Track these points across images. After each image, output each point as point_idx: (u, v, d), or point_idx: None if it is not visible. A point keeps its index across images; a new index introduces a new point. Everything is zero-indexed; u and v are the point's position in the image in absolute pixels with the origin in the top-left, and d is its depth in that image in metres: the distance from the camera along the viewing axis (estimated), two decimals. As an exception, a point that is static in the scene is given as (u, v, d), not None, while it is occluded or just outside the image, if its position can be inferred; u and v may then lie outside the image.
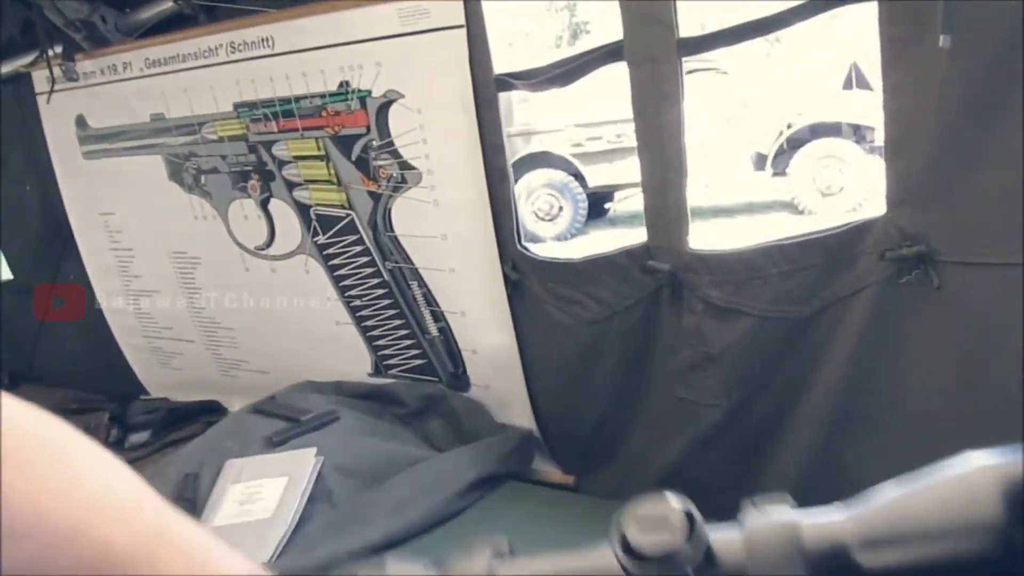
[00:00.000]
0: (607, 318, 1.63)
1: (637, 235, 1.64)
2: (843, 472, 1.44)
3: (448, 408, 1.89)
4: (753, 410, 1.52)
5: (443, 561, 0.44)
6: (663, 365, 1.60)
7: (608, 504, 1.69)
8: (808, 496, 1.47)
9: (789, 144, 7.31)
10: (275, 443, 1.76)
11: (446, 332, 1.91)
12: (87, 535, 0.50)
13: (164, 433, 2.24)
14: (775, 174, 7.47)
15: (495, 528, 1.62)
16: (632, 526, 0.38)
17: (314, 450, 1.69)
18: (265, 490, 1.65)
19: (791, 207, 7.39)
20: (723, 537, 0.39)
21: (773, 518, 0.41)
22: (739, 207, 7.93)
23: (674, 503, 0.39)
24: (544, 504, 1.72)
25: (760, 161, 7.61)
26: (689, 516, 0.38)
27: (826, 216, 6.57)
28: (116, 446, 2.19)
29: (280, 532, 1.55)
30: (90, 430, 2.20)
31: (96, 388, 2.63)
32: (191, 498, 1.68)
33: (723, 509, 1.48)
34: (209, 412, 2.32)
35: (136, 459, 2.14)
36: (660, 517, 0.38)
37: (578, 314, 1.65)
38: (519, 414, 1.88)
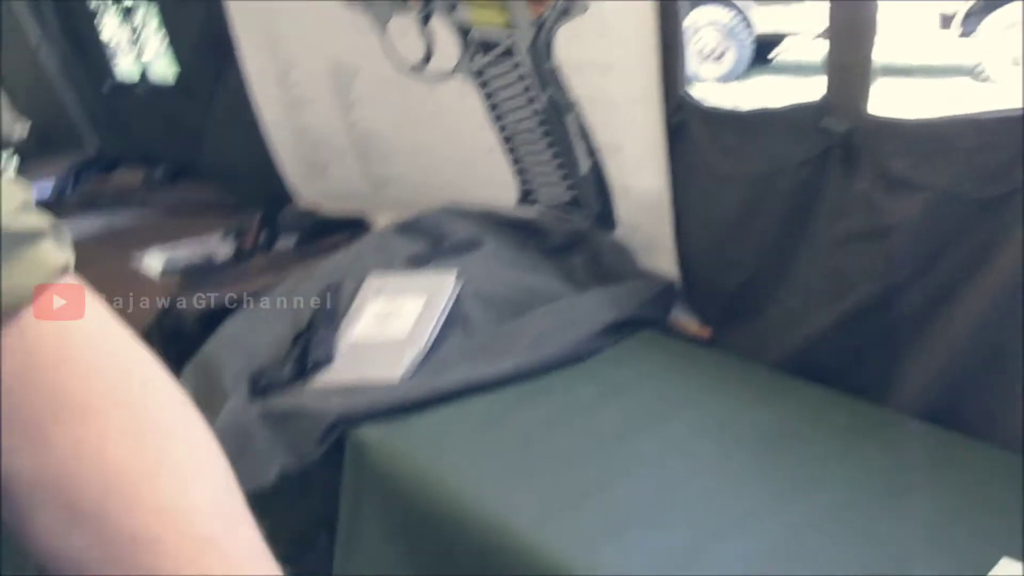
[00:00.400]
0: (771, 175, 1.54)
1: (802, 87, 1.53)
2: (996, 373, 1.36)
3: (592, 246, 1.86)
4: (913, 291, 1.43)
5: None
6: (824, 232, 1.52)
7: (743, 363, 1.65)
8: (952, 392, 1.41)
9: (985, 5, 6.73)
10: (417, 263, 1.77)
11: (598, 168, 1.85)
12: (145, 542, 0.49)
13: (310, 241, 2.29)
14: (962, 35, 6.93)
15: (629, 375, 1.61)
16: None
17: (455, 273, 1.69)
18: (403, 308, 1.67)
19: (974, 73, 6.88)
20: None
21: None
22: (917, 68, 7.42)
23: None
24: (679, 356, 1.69)
25: (947, 21, 7.07)
26: None
27: (1014, 88, 6.09)
28: (264, 248, 2.26)
29: (414, 351, 1.58)
30: (242, 231, 2.28)
31: (249, 192, 2.70)
32: (332, 308, 1.72)
33: (863, 384, 1.44)
34: (354, 227, 2.36)
35: (282, 264, 2.21)
36: None
37: (741, 167, 1.57)
38: (663, 261, 1.83)
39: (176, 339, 2.08)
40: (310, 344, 1.61)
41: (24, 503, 0.50)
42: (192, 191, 2.81)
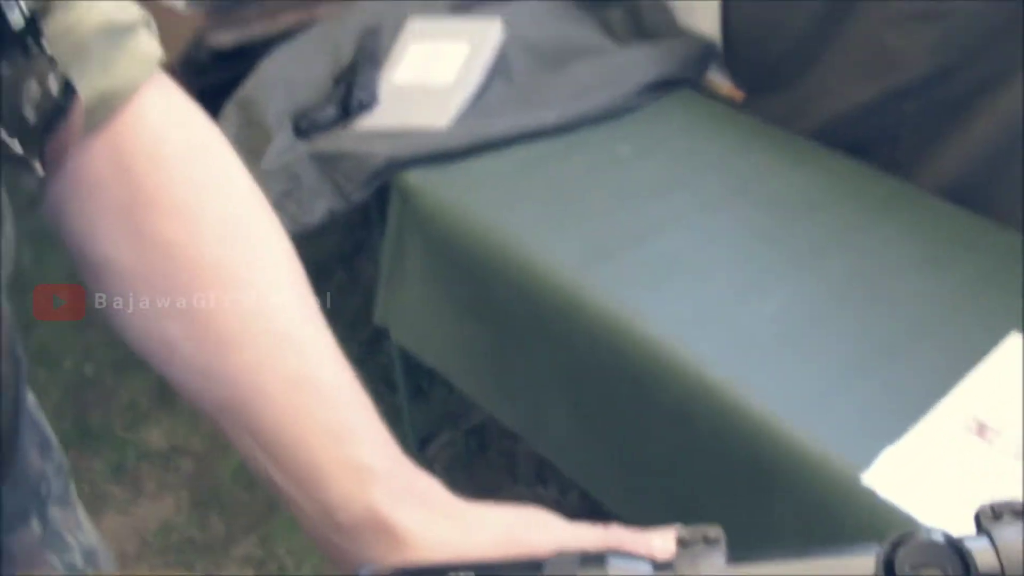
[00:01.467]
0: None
1: None
2: (1020, 179, 1.40)
3: (632, 3, 1.83)
4: (962, 76, 1.45)
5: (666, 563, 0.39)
6: (879, 7, 1.51)
7: (777, 129, 1.68)
8: (984, 177, 1.45)
9: None
10: (460, 8, 1.75)
11: (646, -80, 1.80)
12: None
13: (339, -25, 2.22)
14: None
15: (665, 132, 1.64)
16: (903, 560, 0.35)
17: (499, 21, 1.68)
18: (446, 55, 1.67)
19: None
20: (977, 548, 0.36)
21: None
22: None
23: (949, 545, 0.36)
24: (714, 117, 1.72)
25: None
26: (963, 557, 0.35)
27: None
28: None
29: (460, 98, 1.60)
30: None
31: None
32: (373, 49, 1.71)
33: (895, 160, 1.48)
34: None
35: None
36: (935, 557, 0.35)
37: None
38: (704, 20, 1.81)
39: (206, 73, 2.07)
40: (353, 85, 1.62)
41: (120, 289, 0.53)
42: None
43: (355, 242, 2.33)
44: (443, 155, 1.52)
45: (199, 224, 0.52)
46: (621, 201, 1.50)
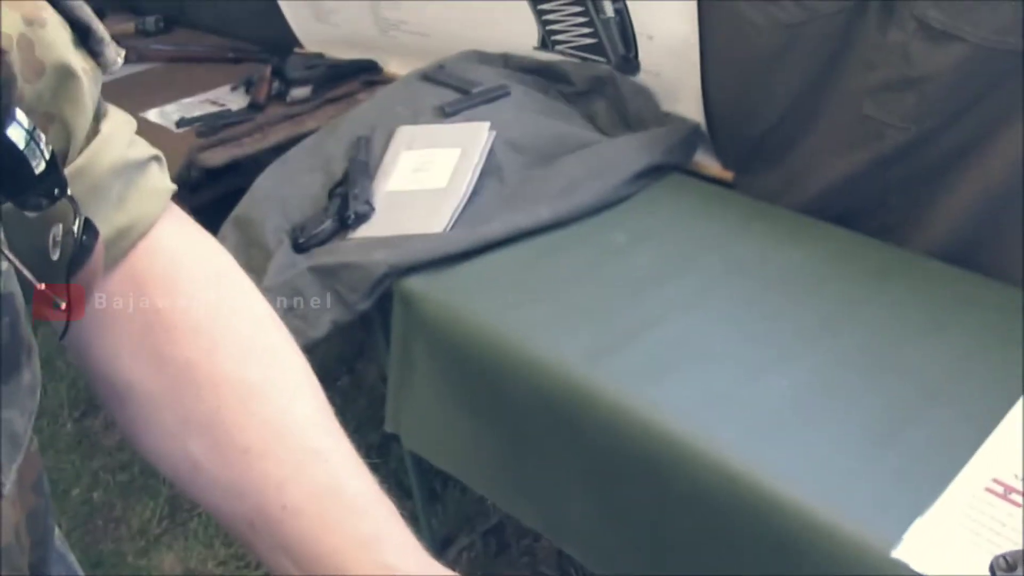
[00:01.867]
0: (805, 22, 1.55)
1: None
2: (1011, 234, 1.42)
3: (615, 91, 1.88)
4: (941, 141, 1.48)
5: None
6: (856, 80, 1.54)
7: (768, 206, 1.70)
8: (976, 235, 1.48)
9: None
10: (447, 113, 1.78)
11: (622, 13, 1.84)
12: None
13: (324, 90, 2.27)
14: None
15: (659, 219, 1.66)
16: None
17: (488, 123, 1.71)
18: (438, 159, 1.69)
19: None
20: None
21: None
22: None
23: None
24: (706, 199, 1.74)
25: None
26: None
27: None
28: (278, 99, 2.25)
29: (455, 202, 1.62)
30: (253, 83, 2.26)
31: (249, 37, 2.65)
32: (364, 160, 1.74)
33: (887, 227, 1.50)
34: (368, 71, 2.34)
35: (298, 114, 2.20)
36: None
37: (774, 14, 1.58)
38: (686, 105, 1.85)
39: (199, 191, 2.10)
40: (348, 196, 1.64)
41: (142, 412, 0.54)
42: (189, 39, 2.75)
43: (357, 345, 2.34)
44: (442, 259, 1.54)
45: (217, 343, 0.54)
46: (623, 291, 1.50)
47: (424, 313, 1.52)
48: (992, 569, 0.38)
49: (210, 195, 2.14)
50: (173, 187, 0.58)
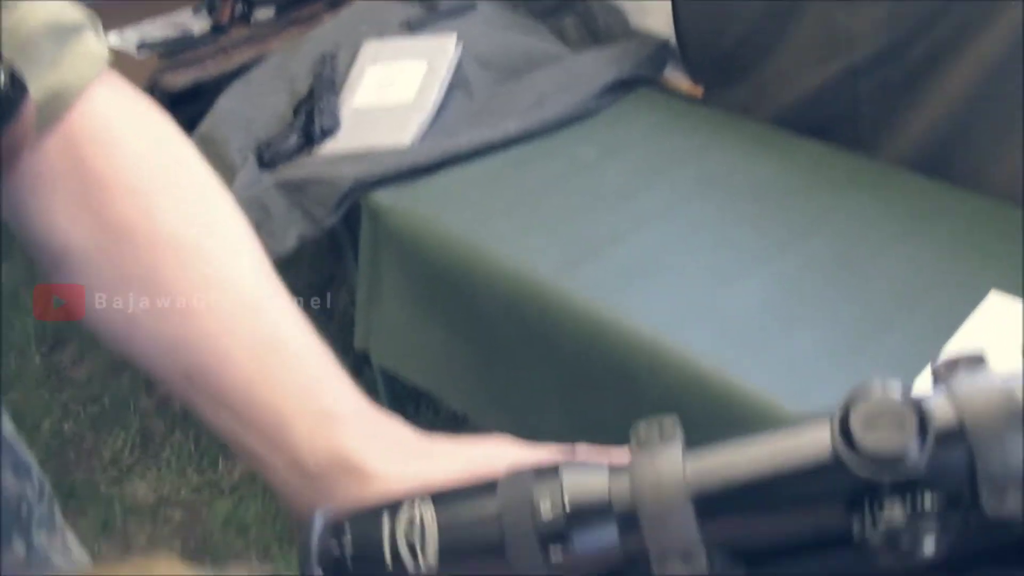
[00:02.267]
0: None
1: None
2: (991, 127, 1.42)
3: (584, 7, 1.85)
4: (914, 49, 1.47)
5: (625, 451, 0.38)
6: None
7: (738, 120, 1.69)
8: (946, 145, 1.47)
9: None
10: (412, 27, 1.75)
11: (590, -74, 1.81)
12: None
13: (289, 11, 2.22)
14: None
15: (628, 133, 1.65)
16: (858, 421, 0.33)
17: (455, 36, 1.68)
18: (404, 74, 1.67)
19: None
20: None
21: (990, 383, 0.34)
22: None
23: (905, 399, 0.34)
24: (675, 114, 1.72)
25: None
26: (921, 414, 0.33)
27: None
28: (242, 21, 2.19)
29: (421, 117, 1.59)
30: (215, 5, 2.21)
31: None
32: (330, 76, 1.71)
33: (857, 138, 1.49)
34: (333, -8, 2.28)
35: (262, 36, 2.15)
36: (890, 414, 0.33)
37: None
38: (656, 19, 1.82)
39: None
40: (314, 112, 1.61)
41: (81, 275, 0.54)
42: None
43: (327, 275, 2.32)
44: (409, 172, 1.52)
45: (154, 202, 0.53)
46: (593, 203, 1.49)
47: (392, 226, 1.50)
48: (935, 373, 0.36)
49: (174, 119, 2.10)
50: (107, 51, 0.57)
